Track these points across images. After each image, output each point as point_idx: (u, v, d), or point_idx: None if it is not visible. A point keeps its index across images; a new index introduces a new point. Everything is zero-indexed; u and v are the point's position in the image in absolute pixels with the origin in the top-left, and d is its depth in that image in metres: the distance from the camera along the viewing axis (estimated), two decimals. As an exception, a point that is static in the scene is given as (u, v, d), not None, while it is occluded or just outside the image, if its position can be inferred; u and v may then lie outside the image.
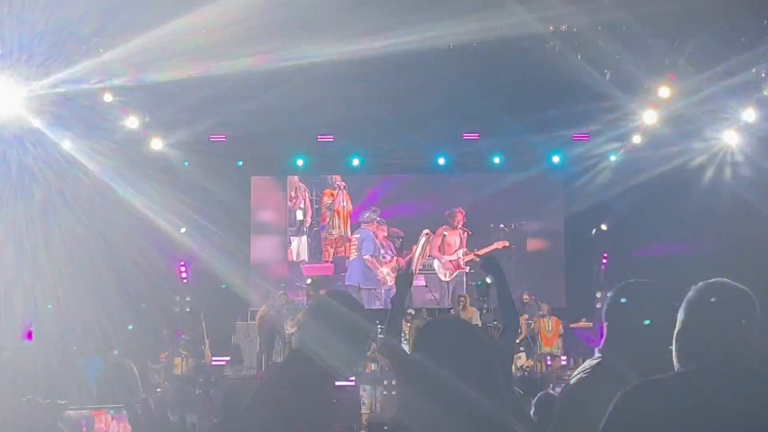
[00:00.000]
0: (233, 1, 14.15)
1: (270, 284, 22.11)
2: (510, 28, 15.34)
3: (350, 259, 24.24)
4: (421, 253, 22.68)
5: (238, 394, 9.46)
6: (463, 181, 23.01)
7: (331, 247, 24.63)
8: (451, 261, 23.86)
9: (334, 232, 24.62)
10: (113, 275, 20.05)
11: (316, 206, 24.53)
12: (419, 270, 22.87)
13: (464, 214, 23.53)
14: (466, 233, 23.69)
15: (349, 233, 24.53)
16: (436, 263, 24.00)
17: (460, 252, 23.73)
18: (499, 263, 6.20)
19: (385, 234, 24.35)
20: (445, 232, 23.98)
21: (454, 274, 23.76)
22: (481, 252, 22.82)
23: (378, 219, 24.22)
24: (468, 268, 23.56)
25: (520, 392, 5.15)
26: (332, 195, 24.47)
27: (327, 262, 24.43)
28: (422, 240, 22.64)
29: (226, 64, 16.21)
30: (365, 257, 24.03)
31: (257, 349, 19.97)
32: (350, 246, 24.56)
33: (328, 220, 24.59)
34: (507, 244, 22.78)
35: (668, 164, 20.16)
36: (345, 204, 24.62)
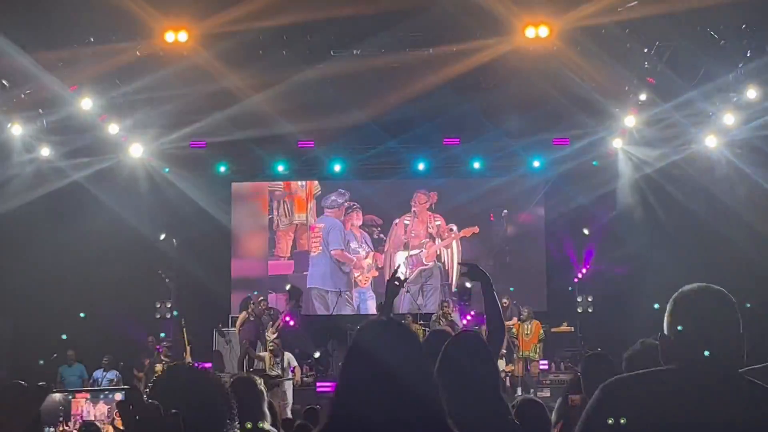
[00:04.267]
0: (215, 9, 14.20)
1: (250, 290, 22.02)
2: (490, 34, 15.42)
3: (313, 254, 22.94)
4: (389, 250, 22.16)
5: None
6: (443, 186, 22.89)
7: (285, 239, 23.06)
8: (413, 256, 22.60)
9: (285, 221, 23.08)
10: (94, 282, 19.98)
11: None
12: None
13: (429, 196, 22.92)
14: (435, 220, 22.87)
15: (312, 221, 23.14)
16: (398, 259, 22.60)
17: (424, 244, 22.75)
18: (484, 270, 6.23)
19: (360, 222, 22.93)
20: (406, 221, 22.93)
21: (415, 273, 22.43)
22: (445, 243, 22.65)
23: (348, 204, 22.95)
24: (431, 263, 22.74)
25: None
26: (287, 185, 23.28)
27: (283, 258, 23.13)
28: (392, 230, 22.26)
29: (207, 70, 16.21)
30: (332, 252, 22.71)
31: (238, 355, 19.90)
32: (313, 238, 23.02)
33: (278, 206, 23.25)
34: (476, 230, 22.50)
35: (648, 168, 20.27)
36: (302, 185, 23.33)
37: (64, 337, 19.80)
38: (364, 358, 3.27)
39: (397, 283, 5.94)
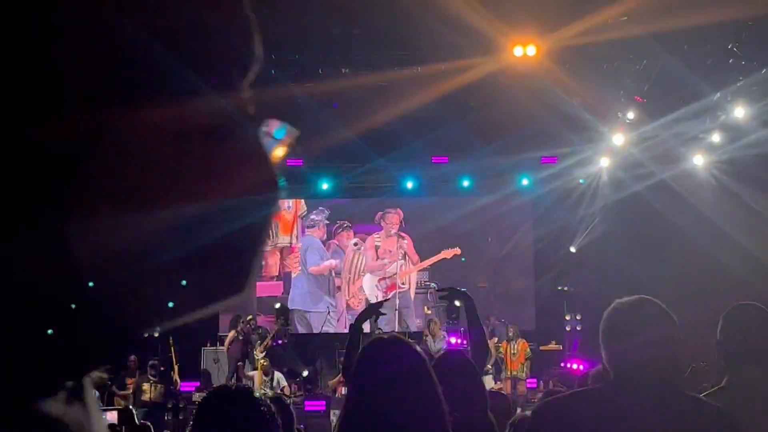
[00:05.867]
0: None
1: (238, 311, 21.91)
2: (478, 52, 15.45)
3: (294, 275, 22.72)
4: (350, 269, 21.85)
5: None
6: (432, 205, 22.85)
7: (273, 260, 22.83)
8: (384, 279, 22.32)
9: (269, 242, 22.14)
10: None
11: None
12: (354, 297, 22.09)
13: (402, 216, 22.67)
14: (405, 241, 22.59)
15: (295, 242, 22.95)
16: (366, 282, 22.40)
17: (397, 266, 22.36)
18: (465, 290, 6.26)
19: (352, 242, 22.76)
20: (377, 242, 22.62)
21: (389, 296, 21.74)
22: (427, 263, 22.48)
23: (328, 222, 22.75)
24: (407, 286, 22.39)
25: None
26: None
27: (273, 278, 22.90)
28: (350, 254, 21.95)
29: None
30: (310, 269, 22.42)
31: (226, 374, 19.81)
32: (293, 259, 22.79)
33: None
34: (458, 251, 22.39)
35: (636, 186, 20.29)
36: (289, 206, 23.08)
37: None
38: (372, 377, 3.27)
39: (379, 309, 6.01)
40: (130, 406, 18.69)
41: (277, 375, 18.00)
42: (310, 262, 22.51)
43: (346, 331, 21.23)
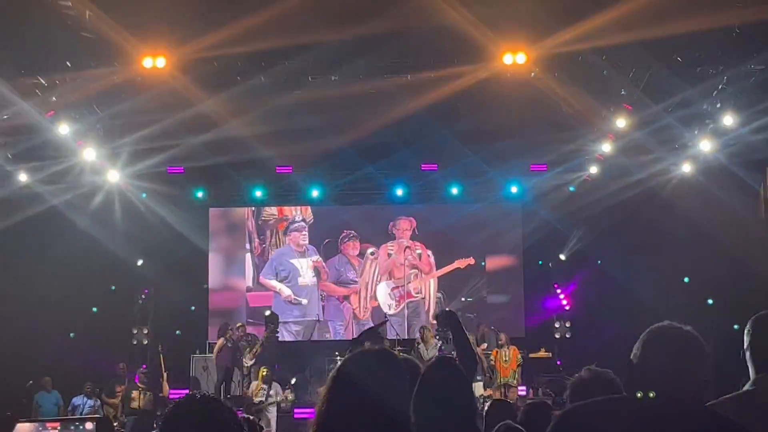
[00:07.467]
0: (193, 35, 14.20)
1: (228, 316, 21.87)
2: (468, 60, 15.47)
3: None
4: (371, 281, 21.81)
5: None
6: (421, 212, 22.81)
7: None
8: (397, 288, 22.28)
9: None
10: (70, 307, 19.85)
11: (259, 222, 23.06)
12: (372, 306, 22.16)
13: (414, 224, 22.62)
14: (417, 249, 22.55)
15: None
16: (381, 291, 22.37)
17: (411, 275, 22.32)
18: (456, 315, 6.27)
19: (356, 252, 22.66)
20: (390, 250, 22.59)
21: (402, 306, 22.07)
22: (441, 273, 22.43)
23: (299, 227, 22.71)
24: (421, 295, 22.36)
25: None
26: (280, 210, 23.01)
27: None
28: (367, 263, 21.90)
29: (185, 96, 16.19)
30: (260, 280, 22.62)
31: (215, 381, 19.76)
32: None
33: (270, 239, 23.08)
34: (472, 261, 22.37)
35: (625, 194, 20.31)
36: (298, 212, 23.10)
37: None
38: (349, 386, 3.27)
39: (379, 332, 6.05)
40: (111, 412, 18.70)
41: (276, 386, 17.91)
42: (264, 274, 22.66)
43: (348, 339, 21.37)
